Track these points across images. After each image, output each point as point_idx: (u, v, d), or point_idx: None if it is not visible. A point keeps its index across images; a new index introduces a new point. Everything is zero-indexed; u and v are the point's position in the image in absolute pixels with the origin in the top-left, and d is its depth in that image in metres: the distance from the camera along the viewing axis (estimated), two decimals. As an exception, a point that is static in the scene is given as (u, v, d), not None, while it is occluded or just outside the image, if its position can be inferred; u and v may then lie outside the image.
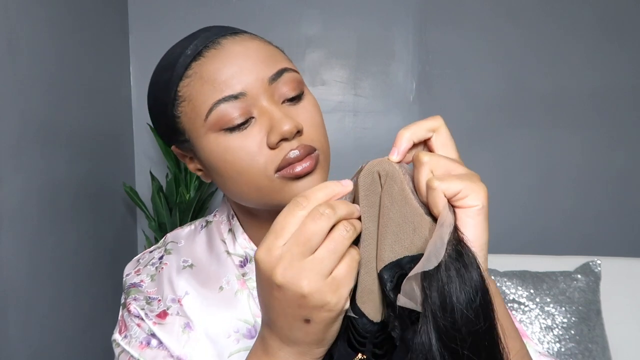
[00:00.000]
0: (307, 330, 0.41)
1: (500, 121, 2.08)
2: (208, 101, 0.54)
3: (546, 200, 2.09)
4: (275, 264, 0.39)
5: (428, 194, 0.41)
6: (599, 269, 1.62)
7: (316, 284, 0.39)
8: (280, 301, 0.40)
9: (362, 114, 2.10)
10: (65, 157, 1.54)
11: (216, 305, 0.62)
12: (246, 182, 0.55)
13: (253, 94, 0.54)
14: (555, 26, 2.03)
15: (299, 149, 0.54)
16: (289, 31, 2.06)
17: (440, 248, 0.37)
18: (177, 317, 0.61)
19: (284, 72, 0.56)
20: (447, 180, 0.40)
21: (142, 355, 0.59)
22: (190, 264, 0.65)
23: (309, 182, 0.55)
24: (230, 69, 0.54)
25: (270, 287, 0.40)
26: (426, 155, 0.42)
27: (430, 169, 0.42)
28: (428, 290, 0.37)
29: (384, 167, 0.43)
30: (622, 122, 2.05)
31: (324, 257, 0.39)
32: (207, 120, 0.54)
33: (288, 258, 0.39)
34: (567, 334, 1.52)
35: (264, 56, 0.56)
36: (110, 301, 1.79)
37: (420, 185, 0.42)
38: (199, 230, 0.70)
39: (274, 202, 0.56)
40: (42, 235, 1.41)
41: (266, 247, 0.40)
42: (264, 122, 0.54)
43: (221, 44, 0.56)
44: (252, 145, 0.54)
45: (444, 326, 0.37)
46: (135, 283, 0.64)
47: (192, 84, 0.55)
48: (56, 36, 1.51)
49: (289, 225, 0.40)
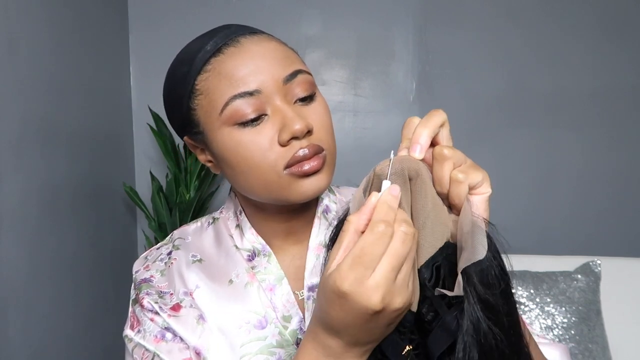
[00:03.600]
0: (384, 331, 0.43)
1: (500, 121, 2.07)
2: (224, 96, 0.56)
3: (546, 200, 2.09)
4: (371, 294, 0.39)
5: (453, 186, 0.44)
6: (599, 269, 1.62)
7: (406, 298, 0.41)
8: (370, 322, 0.41)
9: (362, 114, 2.10)
10: (65, 157, 1.54)
11: (226, 298, 0.63)
12: (256, 177, 0.58)
13: (267, 92, 0.56)
14: (555, 26, 2.03)
15: (308, 147, 0.56)
16: (289, 31, 2.06)
17: (483, 237, 0.42)
18: (191, 309, 0.63)
19: (298, 74, 0.58)
20: (469, 173, 0.44)
21: (157, 349, 0.61)
22: (199, 259, 0.67)
23: (316, 180, 0.57)
24: (247, 67, 0.56)
25: (364, 314, 0.40)
26: (448, 149, 0.45)
27: (453, 162, 0.45)
28: (472, 274, 0.42)
29: (412, 166, 0.45)
30: (622, 122, 2.05)
31: (407, 271, 0.41)
32: (222, 114, 0.56)
33: (384, 285, 0.40)
34: (567, 334, 1.52)
35: (280, 57, 0.58)
36: (110, 301, 1.79)
37: (444, 178, 0.45)
38: (206, 227, 0.71)
39: (281, 197, 0.58)
40: (42, 235, 1.41)
41: (356, 279, 0.40)
42: (277, 120, 0.56)
43: (240, 43, 0.58)
44: (264, 141, 0.56)
45: (486, 298, 0.42)
46: (145, 279, 0.65)
47: (210, 78, 0.57)
48: (56, 36, 1.51)
49: (376, 252, 0.40)
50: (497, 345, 0.43)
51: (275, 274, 0.65)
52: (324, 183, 0.58)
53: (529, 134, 2.07)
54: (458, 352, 0.42)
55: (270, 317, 0.62)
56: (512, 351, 0.44)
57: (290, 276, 0.66)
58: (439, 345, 0.44)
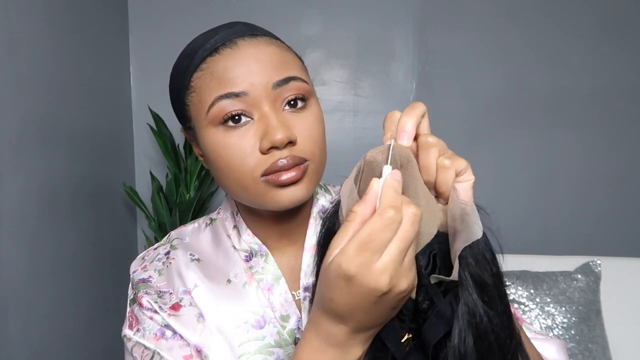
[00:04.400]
0: (389, 315, 0.43)
1: (500, 121, 2.07)
2: (212, 95, 0.56)
3: (546, 200, 2.09)
4: (378, 276, 0.39)
5: (440, 172, 0.45)
6: (599, 269, 1.62)
7: (411, 280, 0.42)
8: (377, 304, 0.41)
9: (362, 114, 2.10)
10: (65, 157, 1.54)
11: (224, 297, 0.64)
12: (234, 179, 0.58)
13: (255, 96, 0.56)
14: (555, 26, 2.03)
15: (287, 158, 0.55)
16: (289, 31, 2.06)
17: (477, 218, 0.43)
18: (190, 307, 0.63)
19: (291, 80, 0.57)
20: (455, 159, 0.45)
21: (158, 347, 0.61)
22: (197, 258, 0.67)
23: (293, 190, 0.57)
24: (239, 69, 0.56)
25: (371, 296, 0.40)
26: (432, 137, 0.45)
27: (438, 150, 0.45)
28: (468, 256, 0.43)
29: (403, 154, 0.45)
30: (622, 122, 2.05)
31: (412, 254, 0.42)
32: (209, 114, 0.57)
33: (392, 268, 0.40)
34: (567, 334, 1.52)
35: (276, 62, 0.57)
36: (110, 301, 1.79)
37: (431, 165, 0.45)
38: (203, 227, 0.71)
39: (258, 203, 0.59)
40: (42, 235, 1.41)
41: (363, 263, 0.40)
42: (260, 127, 0.56)
43: (237, 44, 0.58)
44: (246, 146, 0.56)
45: (481, 281, 0.43)
46: (144, 279, 0.66)
47: (203, 77, 0.58)
48: (56, 36, 1.51)
49: (385, 238, 0.40)
50: (492, 329, 0.43)
51: (273, 274, 0.65)
52: (301, 194, 0.57)
53: (529, 134, 2.07)
54: (453, 337, 0.42)
55: (268, 317, 0.62)
56: (506, 335, 0.44)
57: (286, 277, 0.65)
58: (435, 333, 0.44)
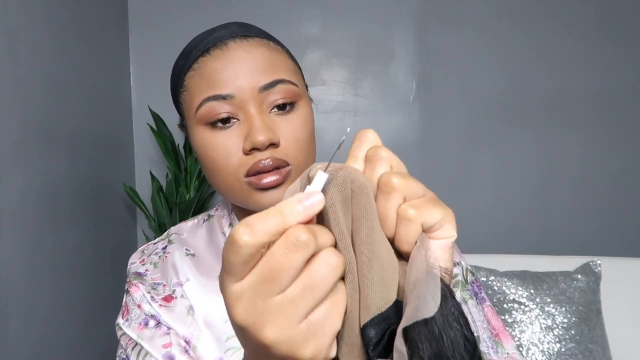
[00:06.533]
0: None
1: (500, 121, 2.07)
2: (200, 96, 0.58)
3: (546, 200, 2.09)
4: (233, 303, 0.30)
5: (401, 225, 0.33)
6: (599, 269, 1.62)
7: (285, 332, 0.30)
8: (245, 344, 0.33)
9: (362, 114, 2.10)
10: (65, 157, 1.54)
11: (214, 292, 0.65)
12: (220, 178, 0.60)
13: (242, 98, 0.57)
14: (555, 26, 2.03)
15: (268, 160, 0.56)
16: (289, 31, 2.06)
17: (436, 288, 0.30)
18: (182, 299, 0.65)
19: (278, 83, 0.58)
20: (423, 209, 0.33)
21: (140, 336, 0.63)
22: (192, 253, 0.69)
23: (274, 194, 0.57)
24: (227, 71, 0.57)
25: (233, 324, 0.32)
26: (398, 177, 0.33)
27: (404, 195, 0.33)
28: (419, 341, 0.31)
29: (358, 180, 0.33)
30: (622, 122, 2.05)
31: (295, 297, 0.30)
32: (197, 114, 0.58)
33: (249, 296, 0.30)
34: (568, 334, 1.52)
35: (264, 65, 0.58)
36: (110, 301, 1.79)
37: (389, 214, 0.33)
38: (201, 223, 0.74)
39: (242, 203, 0.60)
40: (42, 235, 1.41)
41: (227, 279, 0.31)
42: (245, 128, 0.57)
43: (228, 46, 0.59)
44: (231, 146, 0.58)
45: None
46: (140, 272, 0.68)
47: (194, 77, 0.59)
48: (56, 36, 1.51)
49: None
50: None
51: None
52: (282, 198, 0.56)
53: (529, 133, 2.07)
54: None
55: None
56: None
57: None
58: None
